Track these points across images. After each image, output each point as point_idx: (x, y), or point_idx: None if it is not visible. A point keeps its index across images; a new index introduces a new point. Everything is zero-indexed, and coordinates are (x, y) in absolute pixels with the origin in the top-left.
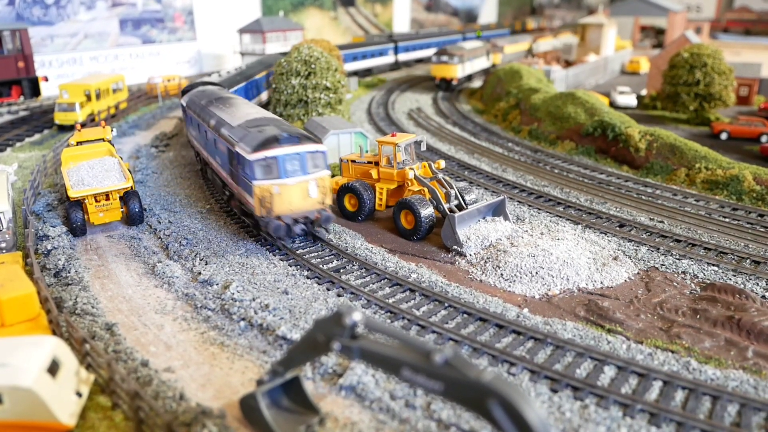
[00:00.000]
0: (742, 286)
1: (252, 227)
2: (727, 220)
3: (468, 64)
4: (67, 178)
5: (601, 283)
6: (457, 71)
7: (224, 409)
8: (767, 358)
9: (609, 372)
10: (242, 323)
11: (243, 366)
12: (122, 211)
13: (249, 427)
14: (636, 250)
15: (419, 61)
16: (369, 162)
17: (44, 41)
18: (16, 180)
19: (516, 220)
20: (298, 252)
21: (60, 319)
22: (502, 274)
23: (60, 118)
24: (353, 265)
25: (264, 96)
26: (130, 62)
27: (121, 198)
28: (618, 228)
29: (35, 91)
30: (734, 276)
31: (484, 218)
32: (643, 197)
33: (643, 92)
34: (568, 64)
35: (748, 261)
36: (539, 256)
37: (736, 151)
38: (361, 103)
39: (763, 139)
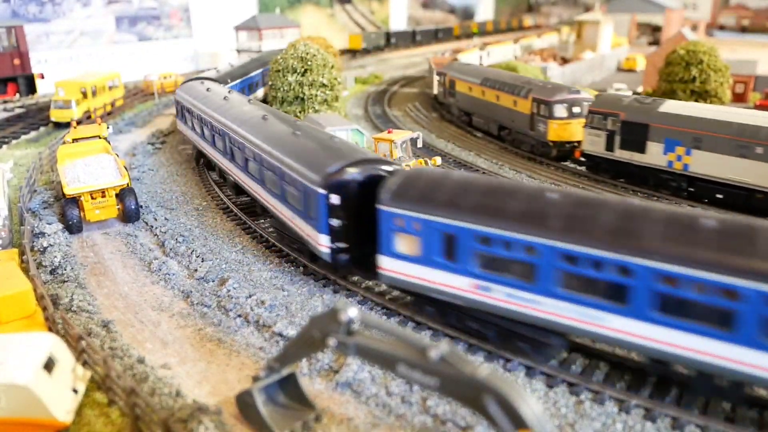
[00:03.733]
0: None
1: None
2: None
3: None
4: (63, 176)
5: None
6: None
7: (221, 406)
8: None
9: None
10: (239, 320)
11: (240, 362)
12: (118, 209)
13: (245, 423)
14: None
15: None
16: None
17: (40, 38)
18: (12, 177)
19: None
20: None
21: (56, 316)
22: None
23: (56, 115)
24: None
25: (260, 92)
26: (127, 59)
27: (117, 195)
28: None
29: (31, 89)
30: None
31: None
32: (641, 194)
33: (640, 89)
34: (564, 61)
35: None
36: None
37: None
38: (357, 100)
39: None
